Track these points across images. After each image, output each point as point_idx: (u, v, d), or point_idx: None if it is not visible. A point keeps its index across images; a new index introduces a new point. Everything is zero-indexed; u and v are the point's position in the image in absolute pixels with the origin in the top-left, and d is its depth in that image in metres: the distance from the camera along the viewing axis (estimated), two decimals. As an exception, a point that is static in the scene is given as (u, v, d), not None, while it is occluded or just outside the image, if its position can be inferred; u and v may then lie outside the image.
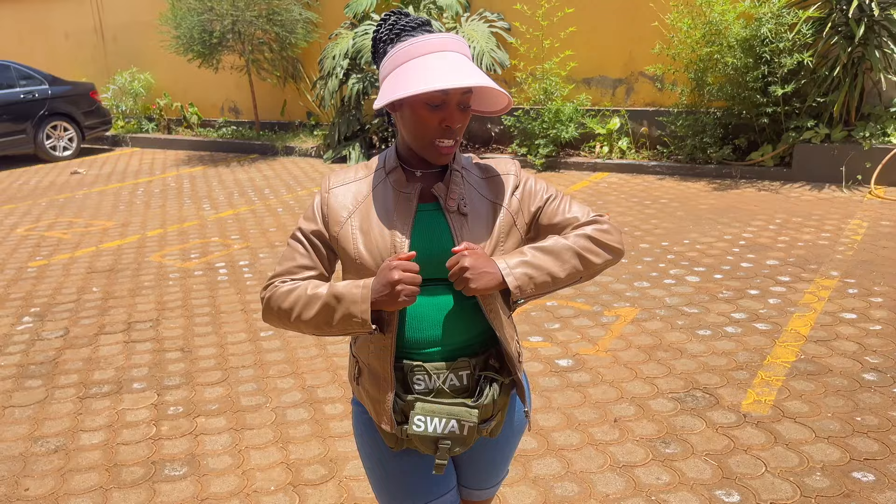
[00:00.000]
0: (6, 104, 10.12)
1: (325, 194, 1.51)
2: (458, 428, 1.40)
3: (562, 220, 1.50)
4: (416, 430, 1.40)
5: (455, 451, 1.42)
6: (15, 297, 4.94)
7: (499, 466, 1.69)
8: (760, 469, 2.70)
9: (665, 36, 7.80)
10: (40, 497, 2.74)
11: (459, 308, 1.44)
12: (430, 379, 1.43)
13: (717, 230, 5.71)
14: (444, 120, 1.38)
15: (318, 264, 1.49)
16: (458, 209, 1.44)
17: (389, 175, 1.49)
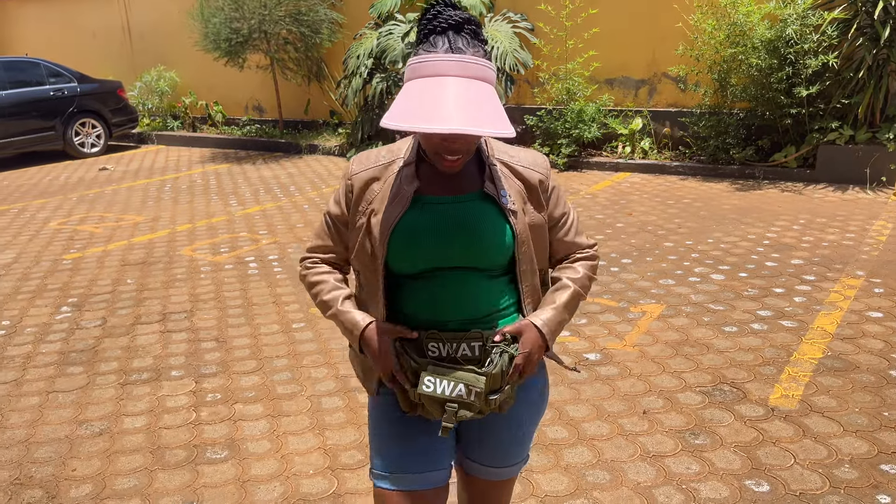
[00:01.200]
0: (36, 101, 10.31)
1: (348, 181, 1.61)
2: (465, 392, 1.47)
3: (567, 246, 1.68)
4: (425, 391, 1.48)
5: (461, 416, 1.49)
6: (52, 287, 5.07)
7: (514, 446, 1.71)
8: (789, 461, 2.75)
9: (688, 37, 7.83)
10: (87, 477, 2.85)
11: (481, 291, 1.55)
12: (444, 347, 1.52)
13: (741, 230, 5.73)
14: (447, 140, 1.42)
15: (341, 246, 1.68)
16: (510, 208, 1.54)
17: (405, 168, 1.55)
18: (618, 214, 6.39)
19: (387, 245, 1.52)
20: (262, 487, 2.73)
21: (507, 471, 1.74)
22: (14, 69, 10.37)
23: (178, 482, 2.79)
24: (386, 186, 1.55)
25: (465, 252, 1.51)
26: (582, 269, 1.66)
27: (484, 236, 1.51)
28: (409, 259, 1.53)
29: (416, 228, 1.52)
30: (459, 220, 1.52)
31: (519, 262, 1.56)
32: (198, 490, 2.73)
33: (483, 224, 1.52)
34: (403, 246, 1.52)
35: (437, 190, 1.55)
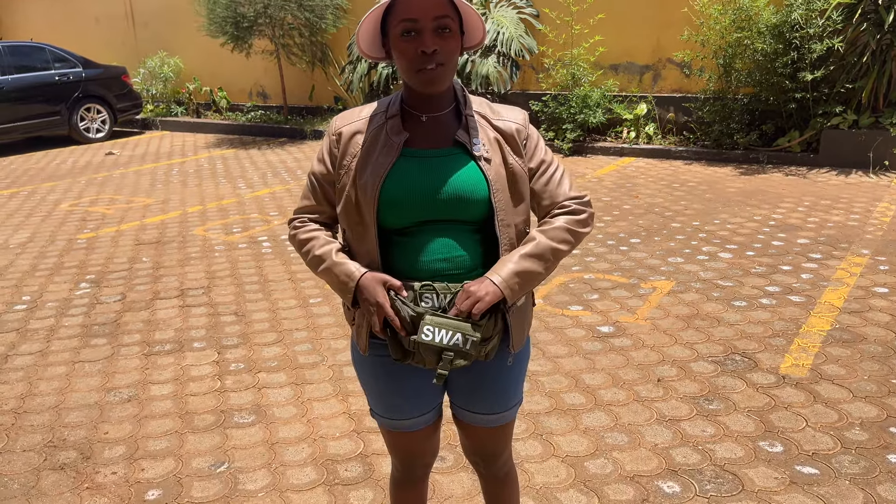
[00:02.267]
0: (42, 86, 10.34)
1: (332, 137, 1.64)
2: (462, 341, 1.51)
3: (550, 195, 1.65)
4: (425, 339, 1.51)
5: (456, 364, 1.53)
6: (69, 265, 5.14)
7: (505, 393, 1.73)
8: (801, 424, 2.84)
9: (694, 22, 7.89)
10: (120, 439, 2.93)
11: (468, 244, 1.59)
12: (437, 297, 1.56)
13: (747, 211, 5.82)
14: (420, 46, 1.45)
15: (327, 205, 1.68)
16: (483, 157, 1.56)
17: (389, 120, 1.59)
18: (624, 197, 6.46)
19: (378, 194, 1.54)
20: (290, 449, 2.81)
21: (504, 415, 1.77)
22: (19, 54, 10.39)
23: (208, 444, 2.87)
24: (371, 138, 1.58)
25: (447, 204, 1.55)
26: (558, 221, 1.62)
27: (461, 187, 1.55)
28: (398, 210, 1.55)
29: (405, 180, 1.55)
30: (440, 173, 1.55)
31: (496, 211, 1.57)
32: (228, 451, 2.82)
33: (460, 175, 1.55)
34: (393, 197, 1.54)
35: (421, 143, 1.58)
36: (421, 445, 1.81)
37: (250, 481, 2.63)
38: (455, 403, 1.78)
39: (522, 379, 1.79)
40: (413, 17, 1.44)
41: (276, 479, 2.63)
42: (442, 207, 1.55)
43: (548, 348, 3.58)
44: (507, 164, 1.59)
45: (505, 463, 1.89)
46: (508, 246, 1.60)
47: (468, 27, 1.54)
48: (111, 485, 2.64)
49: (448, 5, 1.46)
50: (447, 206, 1.55)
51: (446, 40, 1.47)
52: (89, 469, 2.74)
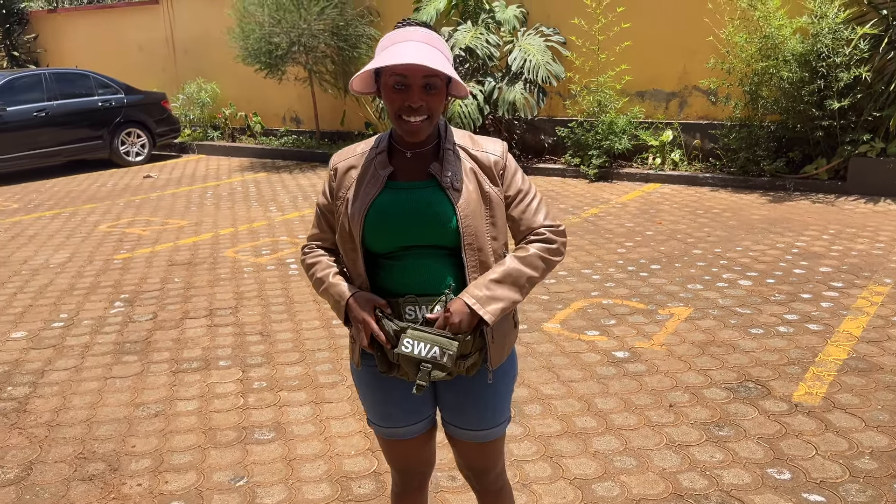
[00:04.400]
0: (86, 111, 10.75)
1: (331, 171, 1.81)
2: (439, 354, 1.62)
3: (527, 222, 1.76)
4: (405, 351, 1.63)
5: (434, 376, 1.64)
6: (105, 284, 5.35)
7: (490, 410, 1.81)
8: (811, 452, 2.85)
9: (720, 50, 7.94)
10: (146, 453, 3.06)
11: (447, 267, 1.71)
12: (419, 310, 1.69)
13: (770, 239, 5.82)
14: (406, 100, 1.61)
15: (330, 233, 1.85)
16: (452, 185, 1.68)
17: (378, 156, 1.75)
18: (647, 223, 6.50)
19: (363, 223, 1.70)
20: (307, 465, 2.91)
21: (491, 432, 1.84)
22: (65, 80, 10.83)
23: (229, 459, 2.98)
24: (362, 172, 1.75)
25: (423, 232, 1.68)
26: (532, 248, 1.73)
27: (433, 215, 1.68)
28: (381, 237, 1.70)
29: (386, 209, 1.70)
30: (416, 203, 1.69)
31: (463, 236, 1.67)
32: (248, 466, 2.93)
33: (432, 205, 1.69)
34: (376, 224, 1.69)
35: (404, 176, 1.73)
36: (415, 454, 1.91)
37: (267, 495, 2.73)
38: (444, 419, 1.88)
39: (508, 397, 1.86)
40: (403, 74, 1.60)
41: (292, 494, 2.73)
42: (418, 234, 1.69)
43: (562, 372, 3.64)
44: (483, 191, 1.71)
45: (497, 478, 1.95)
46: (478, 268, 1.71)
47: (453, 84, 1.69)
48: (136, 496, 2.76)
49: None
50: (422, 232, 1.69)
51: (432, 96, 1.63)
52: (116, 480, 2.87)
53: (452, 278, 1.72)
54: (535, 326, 4.24)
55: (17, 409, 3.47)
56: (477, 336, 1.68)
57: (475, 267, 1.71)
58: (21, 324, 4.60)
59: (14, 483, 2.86)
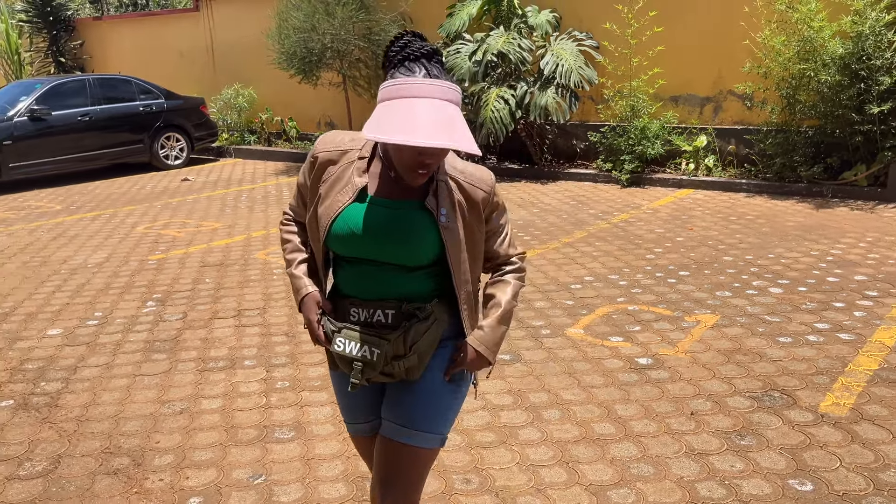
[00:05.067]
0: (128, 116, 11.02)
1: (311, 158, 1.80)
2: (369, 353, 1.68)
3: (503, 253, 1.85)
4: (336, 349, 1.72)
5: (367, 375, 1.71)
6: (139, 284, 5.48)
7: (421, 411, 1.77)
8: (835, 463, 2.79)
9: (756, 54, 7.80)
10: (169, 449, 3.12)
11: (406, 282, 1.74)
12: (362, 312, 1.74)
13: (804, 246, 5.70)
14: (423, 155, 1.57)
15: (304, 210, 1.88)
16: (445, 224, 1.69)
17: (359, 160, 1.72)
18: (678, 229, 6.42)
19: (328, 228, 1.71)
20: (324, 465, 2.95)
21: (412, 435, 1.76)
22: (108, 86, 11.12)
23: (249, 457, 3.03)
24: (339, 171, 1.73)
25: (394, 253, 1.69)
26: (511, 279, 1.86)
27: (413, 243, 1.68)
28: (345, 245, 1.72)
29: (355, 222, 1.69)
30: (394, 225, 1.68)
31: (454, 272, 1.72)
32: (266, 465, 2.97)
33: (414, 233, 1.68)
34: (341, 234, 1.70)
35: (382, 190, 1.71)
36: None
37: (284, 493, 2.77)
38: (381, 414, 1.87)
39: (444, 412, 1.79)
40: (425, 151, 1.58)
41: (309, 493, 2.76)
42: (388, 254, 1.70)
43: (583, 378, 3.62)
44: (467, 225, 1.74)
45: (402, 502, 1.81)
46: (466, 300, 1.78)
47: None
48: (157, 490, 2.83)
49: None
50: (391, 253, 1.70)
51: (440, 155, 1.61)
52: (139, 475, 2.94)
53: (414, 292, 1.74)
54: (557, 332, 4.22)
55: (49, 404, 3.57)
56: (409, 338, 1.71)
57: (465, 298, 1.77)
58: (58, 321, 4.73)
59: (42, 476, 2.95)
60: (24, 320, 4.76)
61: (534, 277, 5.22)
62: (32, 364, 4.06)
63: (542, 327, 4.29)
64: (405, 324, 1.71)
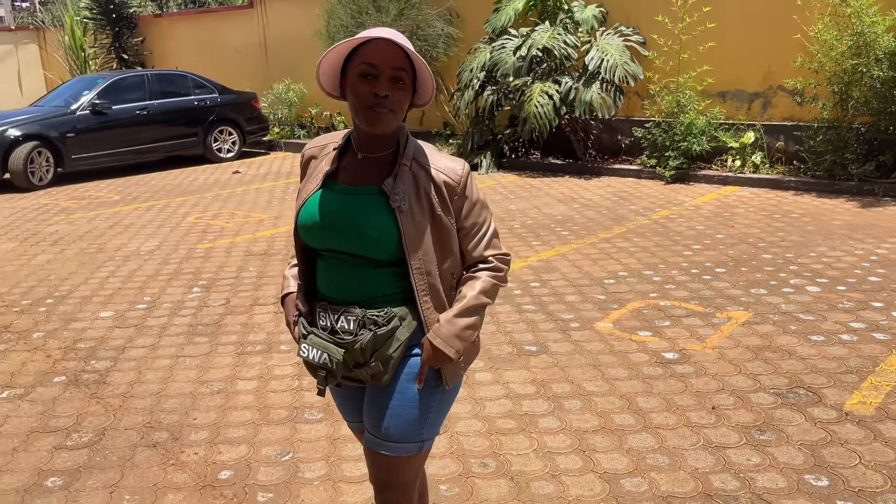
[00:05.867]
0: (183, 110, 11.41)
1: (301, 158, 1.87)
2: (328, 360, 1.68)
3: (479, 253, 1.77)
4: (301, 355, 1.74)
5: (329, 382, 1.72)
6: (186, 271, 5.72)
7: (395, 420, 1.74)
8: (854, 461, 2.78)
9: (807, 49, 7.63)
10: (205, 425, 3.30)
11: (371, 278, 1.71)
12: (328, 318, 1.73)
13: (848, 245, 5.58)
14: (374, 88, 1.59)
15: None
16: (399, 207, 1.65)
17: (332, 151, 1.76)
18: (719, 226, 6.35)
19: (296, 218, 1.75)
20: (349, 445, 3.07)
21: (389, 446, 1.75)
22: (165, 81, 11.53)
23: (278, 435, 3.18)
24: (316, 164, 1.79)
25: (353, 241, 1.68)
26: (485, 276, 1.76)
27: (368, 229, 1.66)
28: (309, 234, 1.73)
29: (319, 209, 1.71)
30: (353, 211, 1.68)
31: (410, 260, 1.66)
32: (294, 443, 3.11)
33: (371, 219, 1.66)
34: (306, 223, 1.73)
35: (348, 178, 1.73)
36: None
37: (309, 470, 2.90)
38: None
39: (419, 421, 1.75)
40: (373, 63, 1.59)
41: (332, 471, 2.89)
42: (347, 241, 1.69)
43: (608, 370, 3.66)
44: (435, 215, 1.69)
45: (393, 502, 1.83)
46: (428, 292, 1.71)
47: (420, 85, 1.68)
48: (192, 463, 2.99)
49: (406, 61, 1.62)
50: (352, 241, 1.68)
51: (399, 90, 1.62)
52: (176, 449, 3.11)
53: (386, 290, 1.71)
54: (586, 325, 4.25)
55: (98, 381, 3.80)
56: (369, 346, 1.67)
57: (425, 290, 1.70)
58: (110, 304, 4.99)
59: (88, 446, 3.15)
60: (79, 303, 5.03)
61: (567, 272, 5.26)
62: (84, 343, 4.30)
63: (571, 320, 4.33)
64: (363, 332, 1.68)
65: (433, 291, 1.72)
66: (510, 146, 9.98)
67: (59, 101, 10.83)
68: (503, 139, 9.88)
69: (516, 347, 3.98)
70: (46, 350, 4.22)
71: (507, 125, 9.93)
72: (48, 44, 17.35)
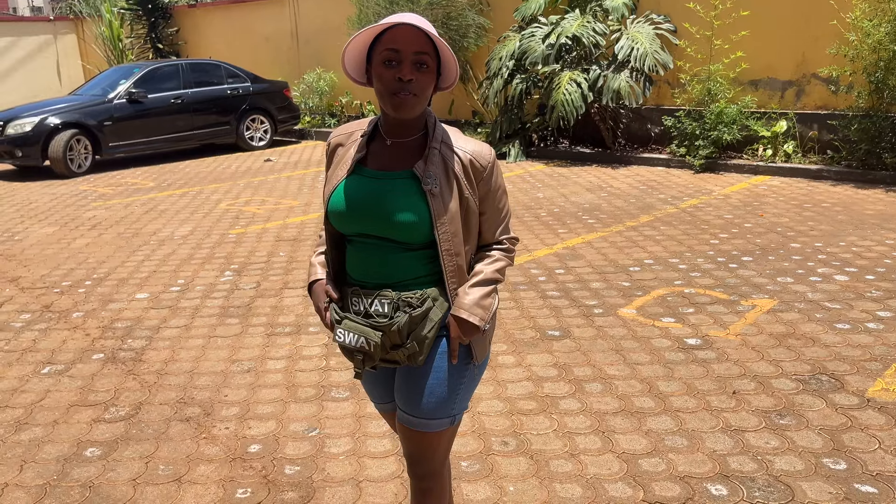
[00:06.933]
0: (216, 99, 11.60)
1: (327, 146, 1.90)
2: (366, 344, 1.71)
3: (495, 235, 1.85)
4: (338, 340, 1.77)
5: (368, 364, 1.75)
6: (218, 256, 5.86)
7: (428, 398, 1.79)
8: (874, 445, 2.79)
9: (843, 36, 7.51)
10: (236, 402, 3.41)
11: (402, 261, 1.76)
12: (361, 302, 1.76)
13: (880, 235, 5.51)
14: (398, 73, 1.63)
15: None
16: (431, 190, 1.70)
17: (361, 138, 1.79)
18: (748, 215, 6.31)
19: (326, 204, 1.78)
20: (374, 422, 3.16)
21: (424, 423, 1.81)
22: (199, 70, 11.72)
23: (306, 412, 3.28)
24: (344, 151, 1.81)
25: (383, 225, 1.71)
26: (496, 254, 1.83)
27: (400, 214, 1.69)
28: (340, 220, 1.76)
29: (349, 195, 1.74)
30: (382, 196, 1.71)
31: (440, 242, 1.71)
32: (321, 420, 3.21)
33: (402, 202, 1.70)
34: (337, 208, 1.75)
35: (378, 164, 1.76)
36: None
37: (335, 446, 3.00)
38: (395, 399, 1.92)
39: (450, 396, 1.81)
40: (396, 48, 1.63)
41: (357, 446, 2.98)
42: (378, 225, 1.73)
43: (630, 355, 3.69)
44: (462, 197, 1.74)
45: (428, 477, 1.89)
46: (455, 273, 1.77)
47: (444, 69, 1.71)
48: (223, 437, 3.11)
49: (429, 44, 1.65)
50: (383, 226, 1.72)
51: (423, 74, 1.65)
52: (208, 423, 3.23)
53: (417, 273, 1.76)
54: (610, 311, 4.29)
55: (134, 359, 3.94)
56: (405, 327, 1.72)
57: (453, 271, 1.76)
58: (145, 286, 5.15)
59: (125, 419, 3.29)
60: (116, 285, 5.20)
61: (592, 259, 5.28)
62: (121, 323, 4.46)
63: (595, 306, 4.37)
64: (399, 314, 1.73)
65: (460, 272, 1.78)
66: (538, 135, 9.98)
67: (96, 90, 11.08)
68: (531, 128, 9.89)
69: (539, 332, 4.04)
70: (85, 329, 4.38)
71: (535, 114, 9.93)
72: (86, 34, 17.73)
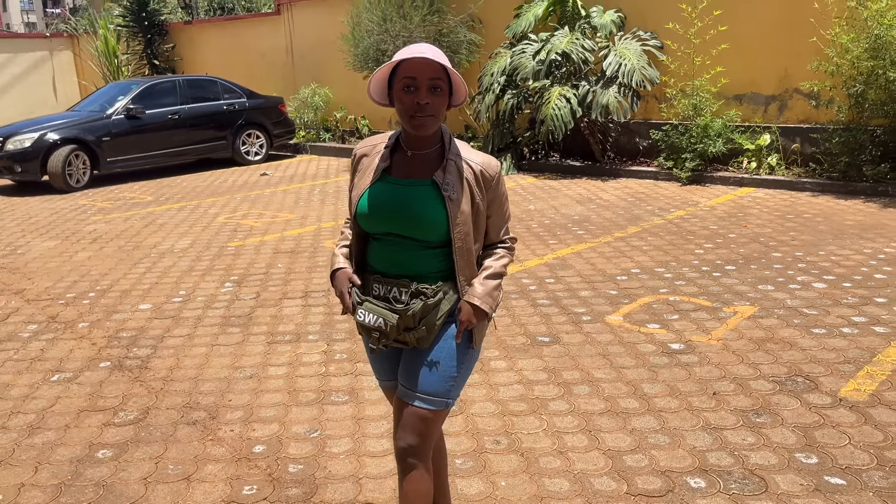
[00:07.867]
0: (213, 114, 11.78)
1: (353, 157, 2.16)
2: (383, 324, 2.00)
3: (498, 236, 2.15)
4: (358, 319, 2.06)
5: (382, 341, 2.03)
6: (218, 268, 6.02)
7: (427, 376, 2.04)
8: (844, 441, 2.96)
9: (823, 51, 7.76)
10: (239, 406, 3.56)
11: (421, 258, 2.05)
12: (381, 288, 2.06)
13: (858, 244, 5.72)
14: (416, 98, 1.90)
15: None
16: (450, 196, 1.99)
17: (384, 150, 2.07)
18: (732, 226, 6.52)
19: (355, 208, 2.06)
20: (372, 424, 3.32)
21: (418, 398, 2.05)
22: (195, 86, 11.91)
23: (307, 415, 3.43)
24: (369, 161, 2.10)
25: (406, 226, 2.00)
26: (501, 251, 2.14)
27: (421, 216, 1.99)
28: (368, 221, 2.05)
29: (375, 200, 2.03)
30: (407, 201, 2.01)
31: (454, 240, 2.00)
32: (322, 422, 3.36)
33: (423, 206, 1.99)
34: (364, 211, 2.04)
35: (401, 173, 2.05)
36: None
37: (336, 446, 3.15)
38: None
39: (447, 379, 2.06)
40: (413, 76, 1.92)
41: (357, 446, 3.14)
42: (403, 226, 2.02)
43: (616, 360, 3.87)
44: (474, 203, 2.03)
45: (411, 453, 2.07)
46: (464, 269, 2.05)
47: (455, 89, 2.00)
48: (228, 439, 3.26)
49: (441, 71, 1.93)
50: (407, 225, 2.01)
51: (437, 97, 1.94)
52: (214, 426, 3.38)
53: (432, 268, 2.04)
54: (597, 318, 4.46)
55: (140, 367, 4.09)
56: (419, 313, 1.99)
57: (463, 267, 2.05)
58: (148, 297, 5.30)
59: (133, 423, 3.44)
60: (119, 296, 5.35)
61: (581, 269, 5.47)
62: (126, 333, 4.61)
63: (583, 314, 4.55)
64: (415, 301, 2.00)
65: (469, 267, 2.07)
66: (530, 148, 10.20)
67: (94, 106, 11.25)
68: (523, 142, 10.10)
69: (530, 338, 4.21)
70: (91, 338, 4.53)
71: (526, 128, 10.15)
72: (82, 50, 17.91)
